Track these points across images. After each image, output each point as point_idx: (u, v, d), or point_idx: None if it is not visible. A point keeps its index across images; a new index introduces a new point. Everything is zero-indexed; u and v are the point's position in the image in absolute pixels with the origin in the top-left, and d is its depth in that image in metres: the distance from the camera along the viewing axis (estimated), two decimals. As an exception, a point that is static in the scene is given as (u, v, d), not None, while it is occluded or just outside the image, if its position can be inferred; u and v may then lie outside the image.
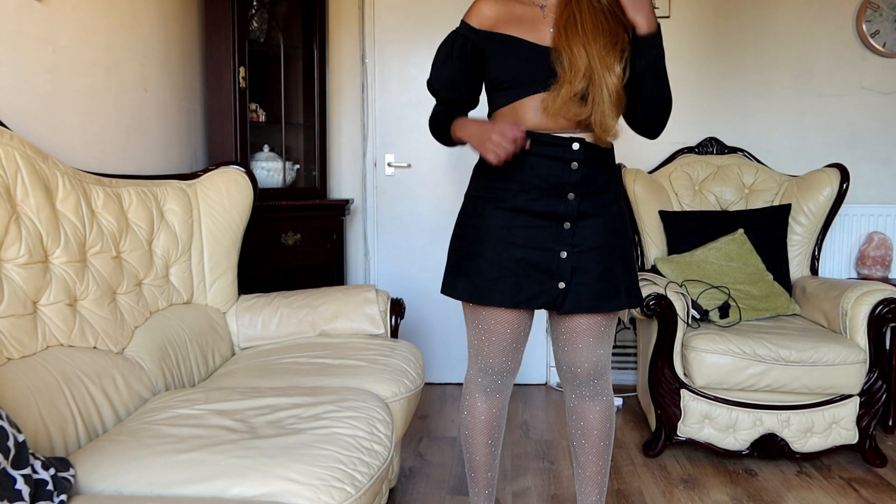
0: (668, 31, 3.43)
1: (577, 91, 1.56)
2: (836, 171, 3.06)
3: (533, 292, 1.65)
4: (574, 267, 1.65)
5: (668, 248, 3.11)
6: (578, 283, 1.65)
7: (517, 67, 1.62)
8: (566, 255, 1.64)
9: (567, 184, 1.63)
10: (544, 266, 1.65)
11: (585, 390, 1.81)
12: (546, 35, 1.62)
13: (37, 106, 1.92)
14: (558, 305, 1.66)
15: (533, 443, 2.86)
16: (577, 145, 1.62)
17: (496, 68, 1.64)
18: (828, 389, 2.53)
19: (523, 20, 1.64)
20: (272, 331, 2.46)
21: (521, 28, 1.63)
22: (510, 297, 1.65)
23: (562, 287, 1.65)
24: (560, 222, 1.64)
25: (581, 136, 1.62)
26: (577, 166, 1.63)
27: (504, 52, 1.63)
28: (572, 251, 1.64)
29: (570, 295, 1.65)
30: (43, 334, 1.65)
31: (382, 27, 3.52)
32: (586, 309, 1.67)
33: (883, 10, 3.34)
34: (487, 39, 1.65)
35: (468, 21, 1.68)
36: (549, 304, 1.67)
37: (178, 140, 2.79)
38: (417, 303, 3.55)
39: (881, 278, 3.26)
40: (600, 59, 1.55)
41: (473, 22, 1.67)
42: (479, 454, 1.87)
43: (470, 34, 1.67)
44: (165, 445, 1.46)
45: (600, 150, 1.66)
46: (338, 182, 3.64)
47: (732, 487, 2.45)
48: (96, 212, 1.93)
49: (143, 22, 2.48)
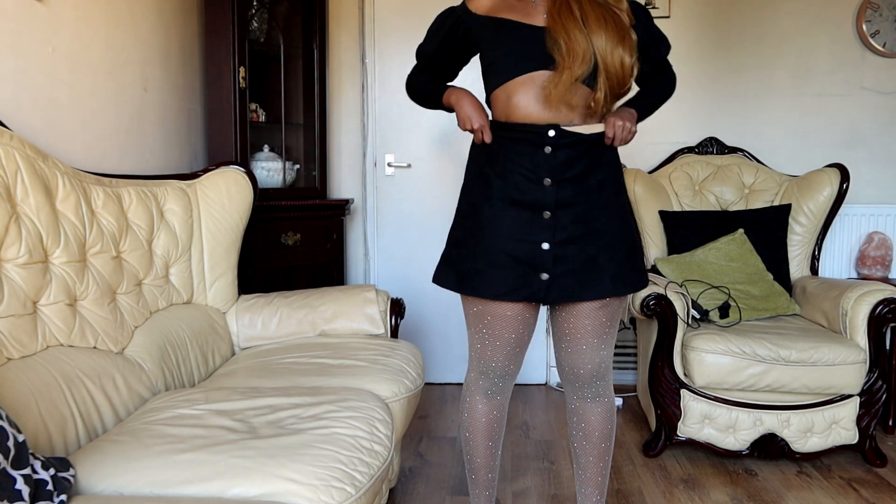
0: (668, 31, 3.41)
1: (578, 76, 1.57)
2: (836, 171, 3.06)
3: (515, 285, 1.64)
4: (556, 258, 1.63)
5: (668, 248, 3.11)
6: (562, 274, 1.64)
7: (509, 47, 1.64)
8: (548, 247, 1.63)
9: (542, 167, 1.62)
10: (527, 258, 1.64)
11: (587, 392, 1.81)
12: (539, 20, 1.63)
13: (37, 106, 1.92)
14: (542, 297, 1.65)
15: (533, 443, 2.86)
16: (552, 132, 1.62)
17: (489, 49, 1.68)
18: (828, 389, 2.53)
19: (517, 8, 1.66)
20: (272, 331, 2.46)
21: (515, 13, 1.65)
22: (492, 288, 1.65)
23: (545, 278, 1.64)
24: (540, 211, 1.63)
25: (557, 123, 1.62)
26: (551, 150, 1.62)
27: (497, 33, 1.65)
28: (554, 241, 1.63)
29: (553, 286, 1.64)
30: (43, 334, 1.65)
31: (382, 27, 3.53)
32: (569, 298, 1.66)
33: (883, 10, 3.34)
34: (481, 23, 1.68)
35: (468, 4, 1.72)
36: (532, 297, 1.65)
37: (178, 140, 2.79)
38: (417, 303, 3.55)
39: (881, 278, 3.26)
40: (611, 49, 1.56)
41: (471, 6, 1.71)
42: (480, 456, 1.86)
43: (464, 15, 1.71)
44: (165, 445, 1.46)
45: (581, 137, 1.64)
46: (338, 182, 3.64)
47: (732, 487, 2.45)
48: (96, 212, 1.93)
49: (143, 22, 2.48)
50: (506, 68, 1.64)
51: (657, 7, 3.45)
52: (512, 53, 1.63)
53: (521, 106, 1.63)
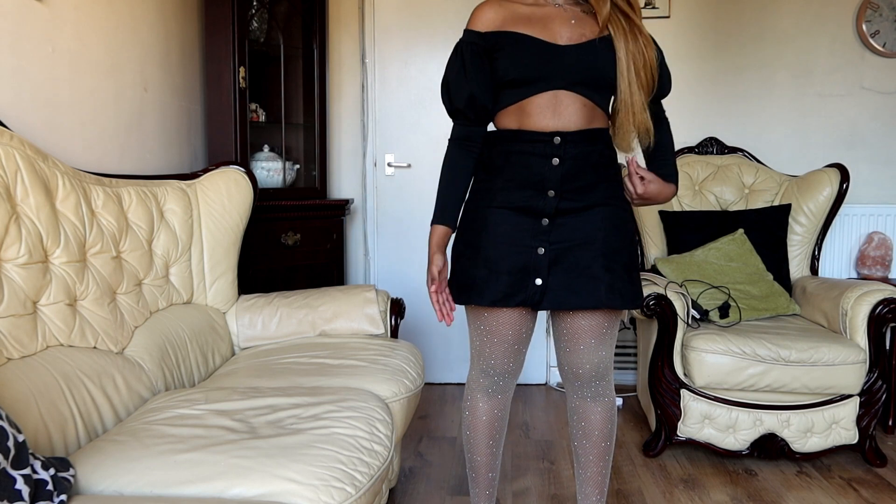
0: (668, 30, 3.44)
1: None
2: (836, 171, 3.06)
3: (510, 290, 1.64)
4: (551, 263, 1.63)
5: (668, 248, 3.11)
6: (556, 280, 1.63)
7: (527, 65, 1.60)
8: (543, 252, 1.63)
9: (547, 180, 1.62)
10: (521, 263, 1.64)
11: (587, 391, 1.81)
12: (558, 34, 1.61)
13: (37, 106, 1.92)
14: (536, 302, 1.65)
15: (533, 443, 2.86)
16: (557, 139, 1.61)
17: (505, 66, 1.62)
18: (828, 389, 2.53)
19: (532, 19, 1.62)
20: (272, 331, 2.46)
21: (532, 27, 1.61)
22: (488, 295, 1.65)
23: (539, 284, 1.63)
24: (538, 218, 1.64)
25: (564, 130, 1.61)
26: (558, 162, 1.62)
27: (513, 49, 1.61)
28: (549, 248, 1.63)
29: (548, 292, 1.64)
30: (43, 334, 1.65)
31: (382, 27, 3.52)
32: (561, 305, 1.65)
33: (883, 10, 3.34)
34: (495, 39, 1.63)
35: (472, 28, 1.66)
36: (526, 301, 1.65)
37: (178, 140, 2.79)
38: (417, 303, 3.55)
39: (881, 278, 3.26)
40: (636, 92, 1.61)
41: (478, 27, 1.65)
42: (481, 455, 1.86)
43: (477, 39, 1.65)
44: (165, 445, 1.46)
45: (586, 148, 1.64)
46: (338, 182, 3.64)
47: (732, 487, 2.45)
48: (96, 212, 1.93)
49: (143, 22, 2.48)
50: (522, 89, 1.62)
51: (657, 7, 3.45)
52: (529, 75, 1.60)
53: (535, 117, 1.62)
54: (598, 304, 1.65)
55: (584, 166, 1.64)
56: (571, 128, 1.62)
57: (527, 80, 1.61)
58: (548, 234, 1.63)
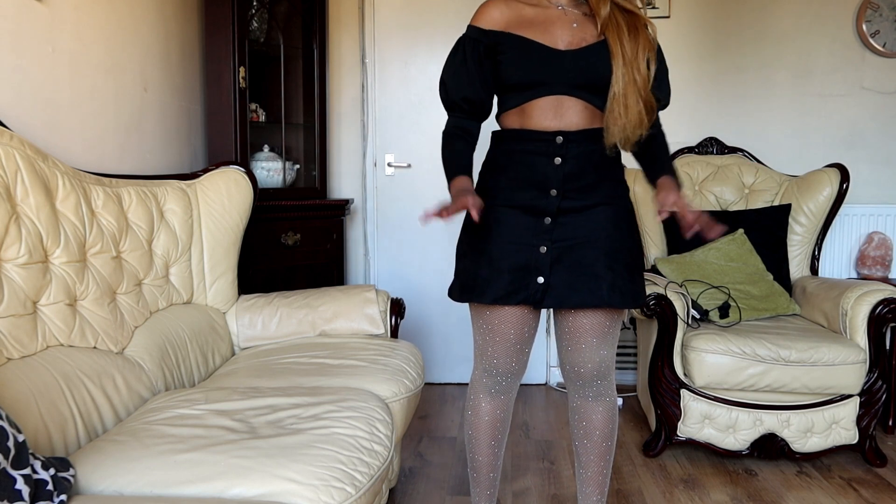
0: (668, 30, 3.44)
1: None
2: (835, 171, 3.06)
3: (512, 288, 1.64)
4: (554, 262, 1.64)
5: (668, 248, 3.11)
6: (557, 279, 1.64)
7: (528, 70, 1.61)
8: (545, 250, 1.64)
9: (550, 179, 1.63)
10: (523, 262, 1.64)
11: (589, 391, 1.81)
12: (558, 38, 1.62)
13: (37, 106, 1.92)
14: (538, 301, 1.65)
15: (533, 443, 2.86)
16: (560, 139, 1.62)
17: (509, 70, 1.63)
18: (828, 389, 2.53)
19: (535, 22, 1.63)
20: (272, 331, 2.46)
21: (534, 30, 1.62)
22: (490, 293, 1.65)
23: (541, 282, 1.64)
24: (541, 217, 1.64)
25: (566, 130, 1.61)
26: (561, 161, 1.62)
27: (517, 53, 1.62)
28: (552, 246, 1.64)
29: (550, 290, 1.64)
30: (43, 334, 1.65)
31: (382, 27, 3.52)
32: (563, 304, 1.66)
33: (883, 10, 3.34)
34: (499, 39, 1.63)
35: (476, 24, 1.67)
36: (528, 300, 1.65)
37: (178, 140, 2.79)
38: (417, 303, 3.55)
39: (881, 278, 3.26)
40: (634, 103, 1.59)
41: (482, 24, 1.66)
42: (482, 454, 1.86)
43: (480, 36, 1.65)
44: (165, 445, 1.46)
45: (589, 148, 1.64)
46: (338, 182, 3.64)
47: (732, 487, 2.45)
48: (96, 212, 1.93)
49: (143, 22, 2.48)
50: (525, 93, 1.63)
51: (657, 7, 3.45)
52: (532, 80, 1.61)
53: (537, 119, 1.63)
54: (599, 303, 1.65)
55: (586, 165, 1.65)
56: (573, 128, 1.63)
57: (529, 85, 1.62)
58: (550, 233, 1.64)
